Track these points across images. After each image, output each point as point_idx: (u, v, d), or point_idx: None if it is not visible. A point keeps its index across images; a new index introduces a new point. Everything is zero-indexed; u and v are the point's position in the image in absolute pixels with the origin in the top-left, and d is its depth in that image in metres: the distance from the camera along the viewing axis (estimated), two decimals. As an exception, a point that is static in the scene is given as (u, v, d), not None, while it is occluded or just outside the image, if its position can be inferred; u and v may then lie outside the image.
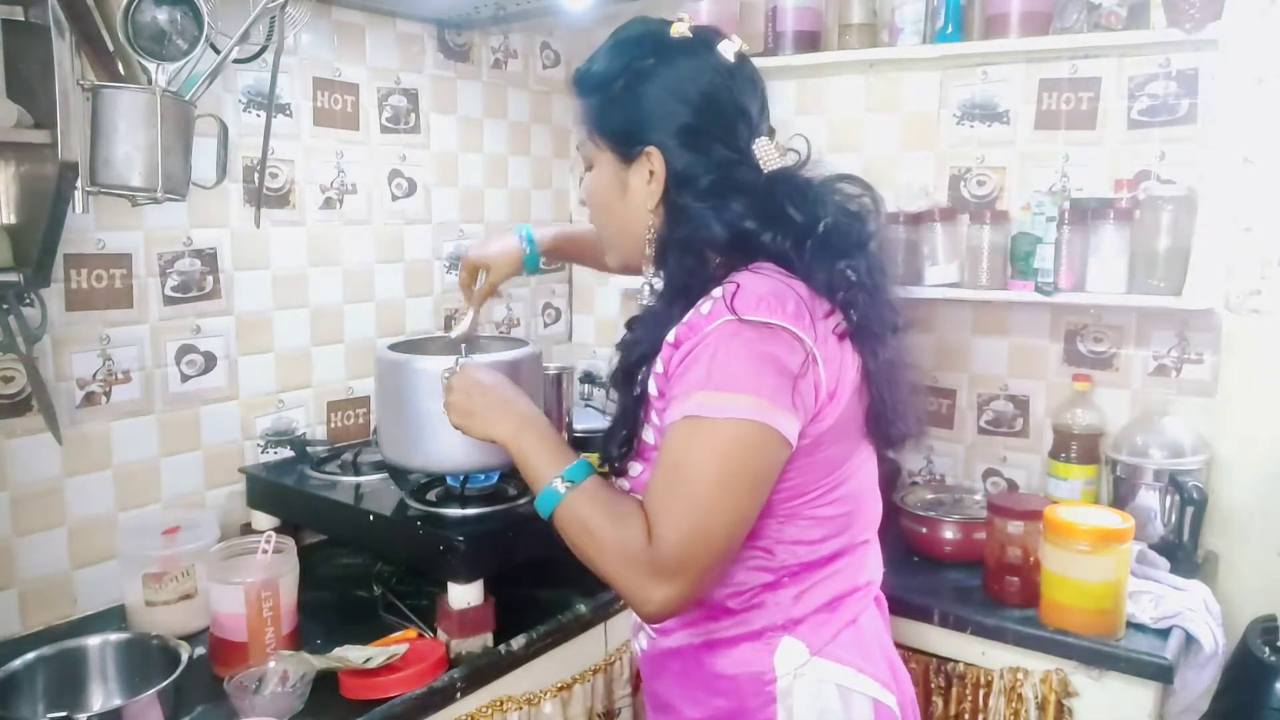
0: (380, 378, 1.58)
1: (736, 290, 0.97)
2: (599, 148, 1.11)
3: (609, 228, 1.16)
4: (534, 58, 2.36)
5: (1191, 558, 1.76)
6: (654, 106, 1.05)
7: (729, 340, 0.95)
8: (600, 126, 1.11)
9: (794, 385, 0.96)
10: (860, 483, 1.09)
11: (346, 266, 1.96)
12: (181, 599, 1.45)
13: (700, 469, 0.95)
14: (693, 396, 0.95)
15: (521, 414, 1.16)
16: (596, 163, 1.13)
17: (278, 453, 1.83)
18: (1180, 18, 1.65)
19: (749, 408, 0.94)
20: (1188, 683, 1.51)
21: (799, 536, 1.04)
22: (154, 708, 1.18)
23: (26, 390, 1.45)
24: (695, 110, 1.05)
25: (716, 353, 0.95)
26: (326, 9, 1.86)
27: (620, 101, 1.08)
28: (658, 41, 1.07)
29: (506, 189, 2.32)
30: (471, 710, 1.38)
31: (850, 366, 1.02)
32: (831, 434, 1.02)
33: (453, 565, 1.40)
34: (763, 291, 0.97)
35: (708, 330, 0.97)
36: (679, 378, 0.98)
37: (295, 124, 1.83)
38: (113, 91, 1.23)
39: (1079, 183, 1.91)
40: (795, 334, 0.96)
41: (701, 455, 0.95)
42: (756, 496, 0.98)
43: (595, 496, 1.04)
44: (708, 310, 0.98)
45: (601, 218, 1.16)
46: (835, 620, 1.06)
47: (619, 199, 1.11)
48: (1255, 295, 1.78)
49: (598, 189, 1.14)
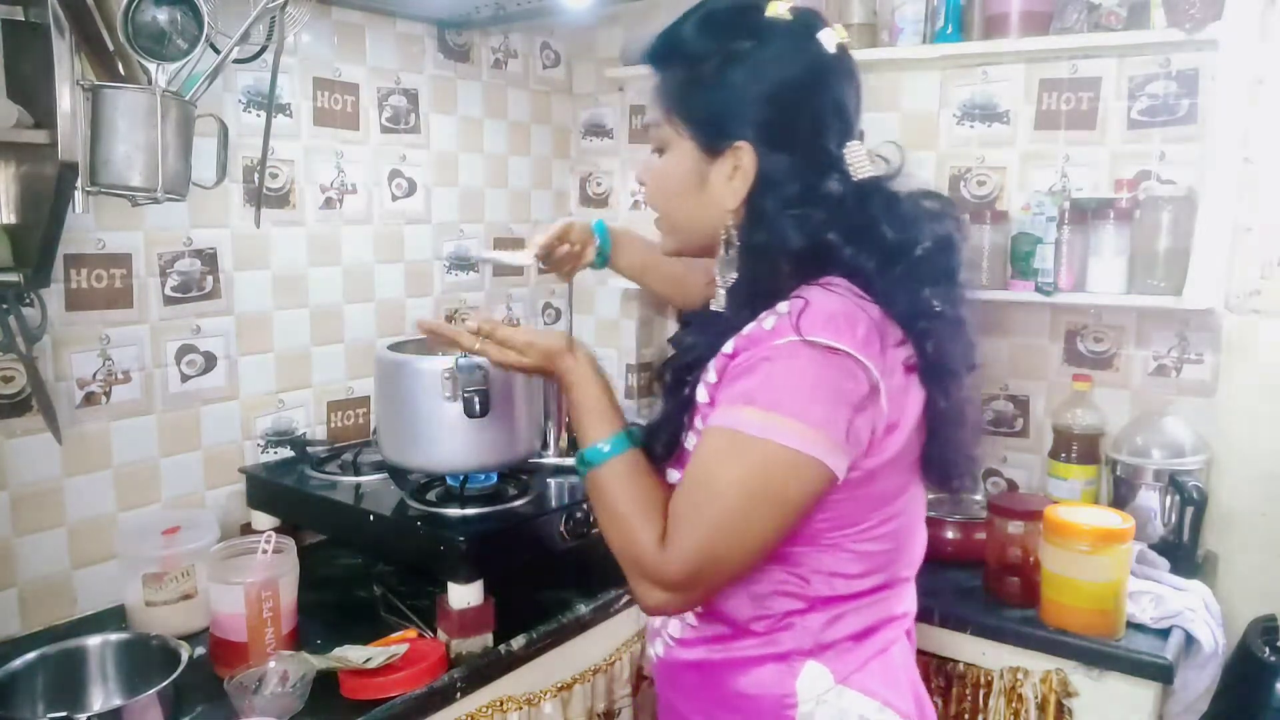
0: (380, 378, 1.58)
1: (804, 307, 0.90)
2: (679, 133, 1.01)
3: (674, 217, 1.07)
4: (534, 58, 2.36)
5: (1191, 558, 1.75)
6: (748, 97, 0.96)
7: (788, 360, 0.90)
8: (684, 110, 1.00)
9: (850, 417, 0.90)
10: (908, 520, 1.03)
11: (346, 266, 1.96)
12: (181, 599, 1.45)
13: (728, 486, 0.91)
14: (737, 409, 0.91)
15: (587, 355, 1.10)
16: (672, 148, 1.03)
17: (278, 453, 1.83)
18: (1180, 18, 1.65)
19: (792, 434, 0.88)
20: (1188, 683, 1.51)
21: (837, 569, 0.99)
22: (154, 708, 1.18)
23: (26, 390, 1.45)
24: (792, 105, 0.96)
25: (772, 370, 0.90)
26: (326, 9, 1.86)
27: (711, 85, 0.97)
28: (755, 21, 0.97)
29: (506, 189, 2.32)
30: (471, 710, 1.38)
31: (916, 401, 0.96)
32: (886, 469, 0.96)
33: (453, 565, 1.40)
34: (832, 311, 0.91)
35: (768, 346, 0.91)
36: (727, 385, 0.94)
37: (295, 124, 1.83)
38: (113, 91, 1.23)
39: (1079, 183, 1.91)
40: (861, 362, 0.90)
41: (732, 472, 0.91)
42: (783, 525, 0.93)
43: (632, 477, 1.00)
44: (771, 325, 0.92)
45: (668, 206, 1.07)
46: (865, 649, 1.01)
47: (694, 192, 1.02)
48: (1255, 295, 1.78)
49: (670, 176, 1.04)
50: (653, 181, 1.07)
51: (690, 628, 1.06)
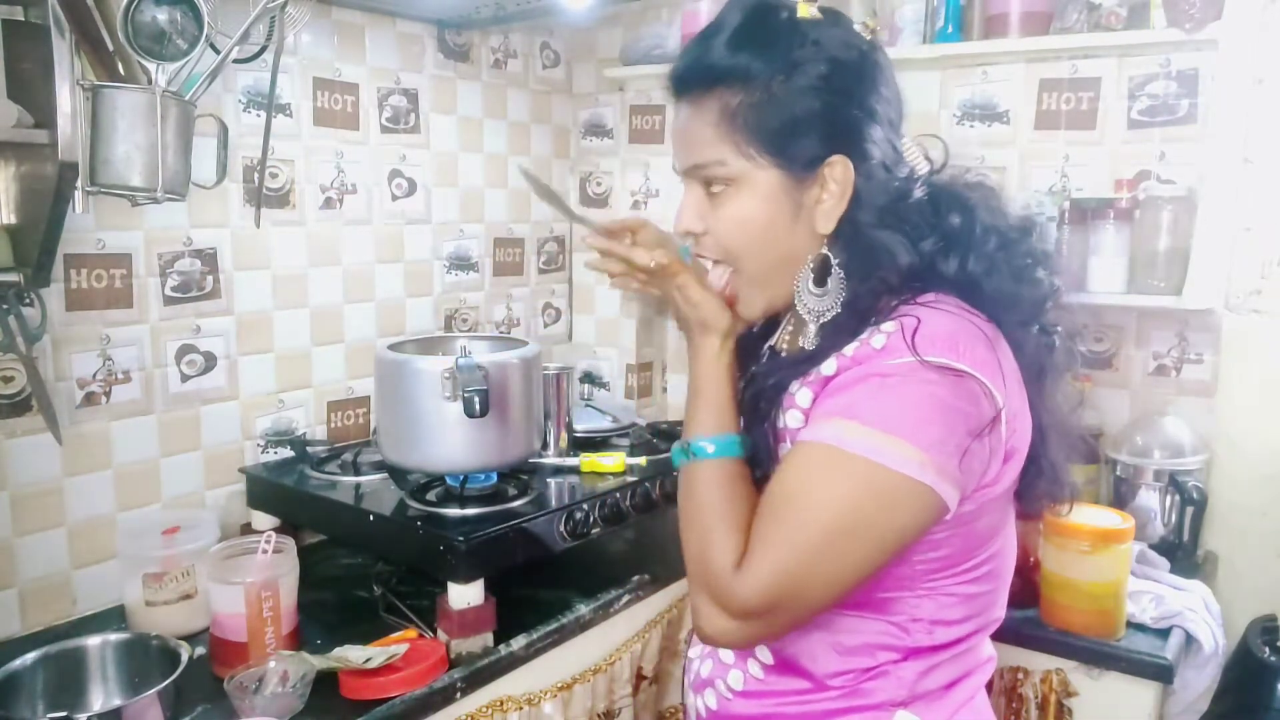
0: (380, 378, 1.58)
1: (918, 325, 0.82)
2: (755, 162, 0.88)
3: (763, 265, 0.92)
4: (534, 58, 2.36)
5: (1191, 558, 1.76)
6: (827, 104, 0.87)
7: (902, 379, 0.81)
8: (762, 136, 0.87)
9: (967, 444, 0.81)
10: (1008, 555, 0.95)
11: (346, 266, 1.96)
12: (181, 599, 1.45)
13: (818, 507, 0.81)
14: (835, 422, 0.82)
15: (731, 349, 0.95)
16: (745, 183, 0.89)
17: (278, 453, 1.83)
18: (1180, 18, 1.65)
19: (898, 455, 0.79)
20: (1188, 683, 1.51)
21: (939, 615, 0.89)
22: (154, 708, 1.18)
23: (26, 390, 1.45)
24: (864, 106, 0.88)
25: (882, 388, 0.81)
26: (326, 9, 1.86)
27: (788, 102, 0.87)
28: (798, 26, 0.89)
29: (506, 189, 2.32)
30: (471, 710, 1.38)
31: (1027, 427, 0.88)
32: (997, 500, 0.88)
33: (453, 565, 1.40)
34: (950, 330, 0.83)
35: (879, 363, 0.82)
36: (825, 398, 0.85)
37: (295, 124, 1.83)
38: (113, 91, 1.23)
39: (1079, 183, 1.91)
40: (985, 384, 0.82)
41: (824, 492, 0.81)
42: (877, 558, 0.83)
43: (727, 486, 0.89)
44: (882, 344, 0.83)
45: (757, 253, 0.92)
46: (954, 696, 0.93)
47: (787, 226, 0.90)
48: (1255, 295, 1.78)
49: (754, 217, 0.90)
50: (731, 229, 0.92)
51: (755, 680, 0.96)
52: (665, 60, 2.21)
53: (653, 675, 1.70)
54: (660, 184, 2.43)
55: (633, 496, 1.68)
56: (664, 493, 1.73)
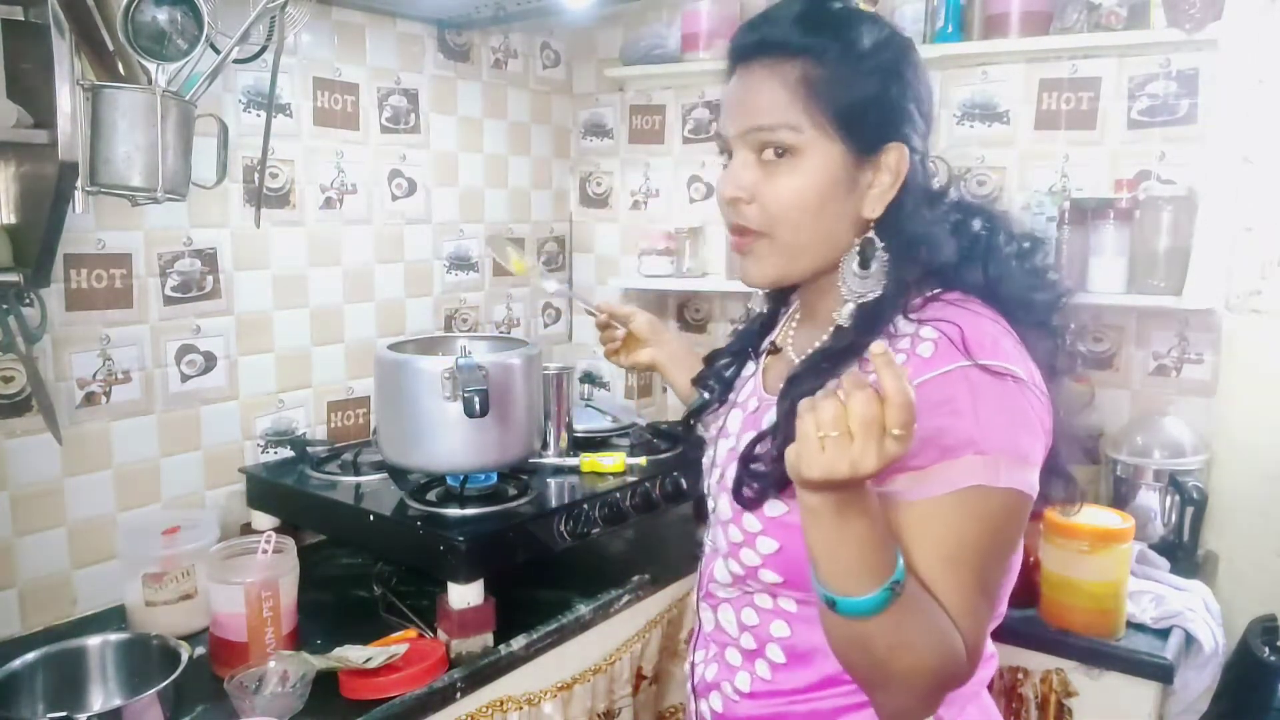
0: (380, 378, 1.58)
1: (963, 330, 0.83)
2: (825, 134, 0.88)
3: (801, 234, 0.91)
4: (534, 58, 2.36)
5: (1191, 558, 1.76)
6: (891, 91, 0.88)
7: (979, 391, 0.81)
8: (835, 110, 0.87)
9: (1038, 445, 0.84)
10: (1021, 550, 0.95)
11: (346, 266, 1.96)
12: (181, 599, 1.45)
13: (981, 552, 0.81)
14: (965, 461, 0.80)
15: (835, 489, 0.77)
16: (810, 154, 0.88)
17: (278, 453, 1.83)
18: (1180, 18, 1.65)
19: (1015, 474, 0.81)
20: (1188, 683, 1.51)
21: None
22: (154, 708, 1.18)
23: (26, 390, 1.45)
24: (921, 101, 0.91)
25: (976, 407, 0.80)
26: (326, 9, 1.86)
27: (860, 81, 0.87)
28: (864, 14, 0.91)
29: (506, 189, 2.32)
30: (471, 710, 1.38)
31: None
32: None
33: (453, 565, 1.40)
34: (992, 333, 0.84)
35: (945, 378, 0.81)
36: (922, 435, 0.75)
37: (295, 124, 1.83)
38: (113, 91, 1.23)
39: (1079, 183, 1.91)
40: (1039, 386, 0.84)
41: (982, 536, 0.81)
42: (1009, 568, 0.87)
43: (917, 598, 0.79)
44: (930, 353, 0.83)
45: (805, 222, 0.90)
46: (963, 691, 0.92)
47: (839, 203, 0.89)
48: (1255, 295, 1.78)
49: (810, 188, 0.89)
50: (783, 195, 0.90)
51: (763, 680, 0.96)
52: (665, 60, 2.22)
53: (653, 675, 1.70)
54: (660, 184, 2.43)
55: (633, 496, 1.68)
56: (664, 493, 1.73)
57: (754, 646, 0.97)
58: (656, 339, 1.39)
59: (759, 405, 1.01)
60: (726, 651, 1.00)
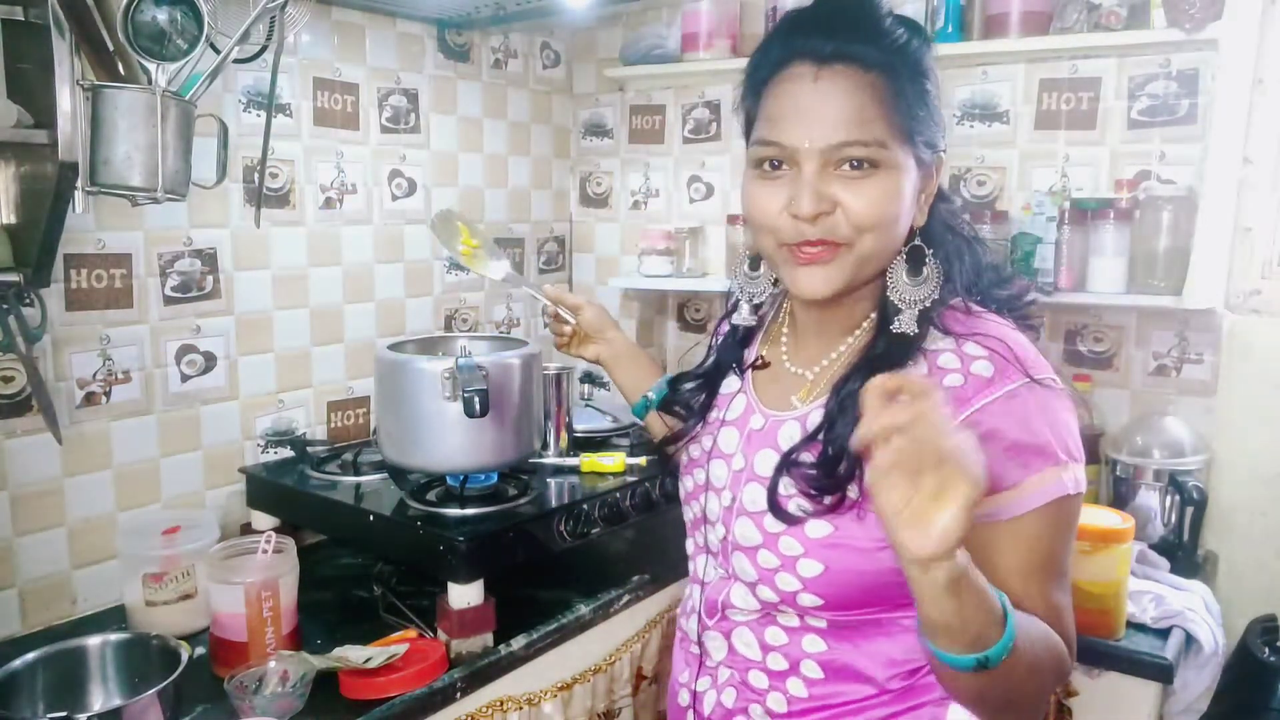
0: (380, 378, 1.58)
1: (1010, 347, 0.87)
2: (906, 148, 0.89)
3: (880, 245, 0.90)
4: (534, 58, 2.36)
5: (1191, 558, 1.76)
6: (938, 103, 0.93)
7: (1045, 405, 0.85)
8: (911, 121, 0.89)
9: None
10: None
11: (346, 266, 1.96)
12: (181, 599, 1.45)
13: (1064, 555, 0.87)
14: (1046, 475, 0.83)
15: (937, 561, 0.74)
16: (890, 166, 0.88)
17: (278, 453, 1.83)
18: (1180, 18, 1.65)
19: (1083, 476, 0.86)
20: (1188, 683, 1.51)
21: None
22: (154, 708, 1.17)
23: (26, 390, 1.45)
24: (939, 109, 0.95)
25: (1047, 422, 0.84)
26: (326, 9, 1.86)
27: (921, 93, 0.90)
28: (908, 19, 0.94)
29: (506, 189, 2.32)
30: (471, 710, 1.38)
31: None
32: None
33: (453, 565, 1.40)
34: (1026, 344, 0.88)
35: (1004, 395, 0.84)
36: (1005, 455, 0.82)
37: (295, 124, 1.83)
38: (113, 91, 1.23)
39: (1079, 183, 1.91)
40: (1069, 394, 0.89)
41: (1063, 539, 0.86)
42: None
43: (1029, 635, 0.79)
44: (990, 372, 0.85)
45: (882, 232, 0.89)
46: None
47: (909, 213, 0.92)
48: (1255, 295, 1.78)
49: (897, 199, 0.89)
50: (875, 209, 0.88)
51: (800, 699, 0.95)
52: (665, 60, 2.22)
53: (653, 675, 1.70)
54: (660, 184, 2.43)
55: (633, 496, 1.68)
56: (664, 493, 1.73)
57: (785, 666, 0.95)
58: (601, 335, 1.37)
59: (766, 422, 0.99)
60: (750, 675, 0.98)
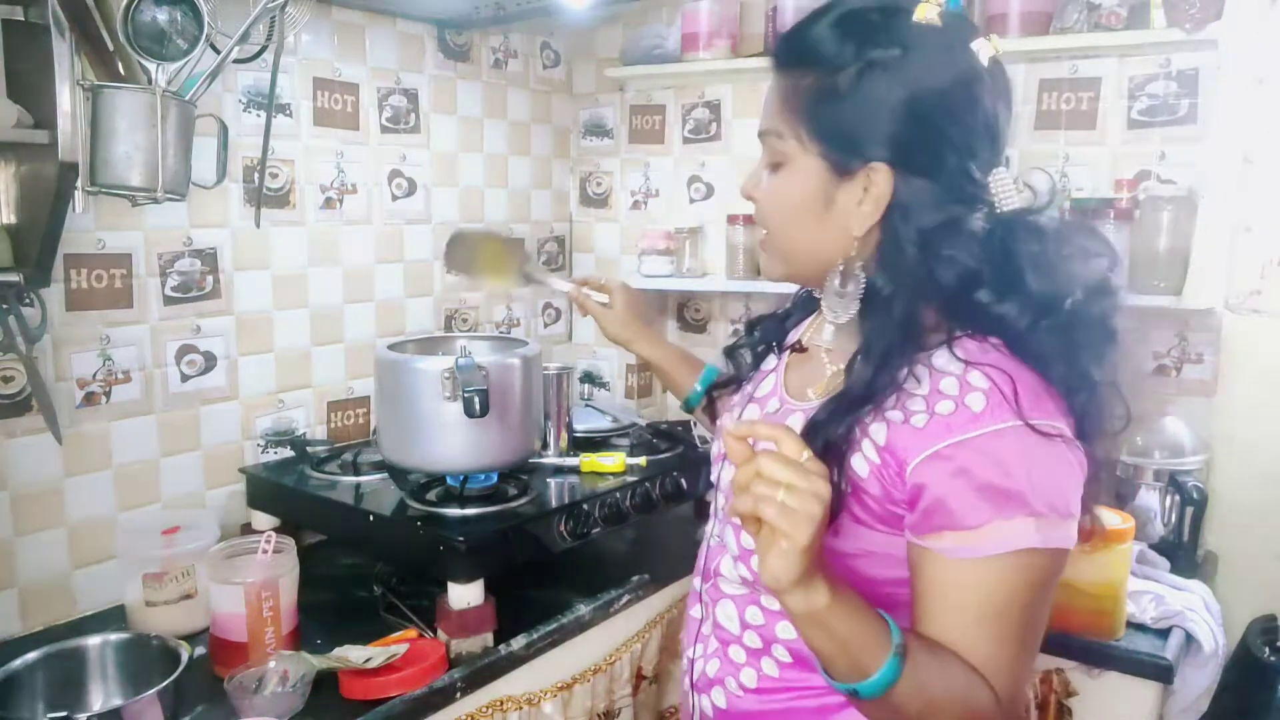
0: (380, 378, 1.58)
1: (1014, 384, 0.81)
2: (804, 147, 0.89)
3: (788, 241, 0.94)
4: (534, 58, 2.36)
5: (1191, 558, 1.75)
6: (889, 112, 0.84)
7: (1032, 453, 0.80)
8: (814, 123, 0.88)
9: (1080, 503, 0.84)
10: None
11: (346, 266, 1.96)
12: (181, 599, 1.45)
13: (1025, 607, 0.82)
14: (1016, 524, 0.79)
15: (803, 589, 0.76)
16: (793, 164, 0.90)
17: (278, 453, 1.83)
18: (1180, 18, 1.65)
19: (1063, 534, 0.81)
20: (1188, 683, 1.51)
21: None
22: (154, 708, 1.17)
23: (26, 390, 1.45)
24: (939, 124, 0.85)
25: (1030, 470, 0.79)
26: (326, 9, 1.86)
27: (848, 96, 0.85)
28: (902, 26, 0.85)
29: (506, 189, 2.32)
30: (471, 710, 1.38)
31: None
32: None
33: (453, 565, 1.40)
34: (1035, 387, 0.82)
35: (989, 433, 0.80)
36: (974, 494, 0.79)
37: (295, 124, 1.83)
38: (113, 91, 1.24)
39: (1079, 183, 1.91)
40: (1079, 447, 0.83)
41: (1025, 593, 0.81)
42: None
43: (930, 655, 0.79)
44: (981, 407, 0.81)
45: (782, 228, 0.93)
46: None
47: (816, 215, 0.90)
48: (1255, 295, 1.78)
49: (788, 196, 0.91)
50: (767, 200, 0.94)
51: (770, 677, 0.96)
52: (665, 60, 2.22)
53: (653, 675, 1.70)
54: (660, 184, 2.43)
55: (633, 496, 1.68)
56: (664, 493, 1.73)
57: (759, 645, 0.97)
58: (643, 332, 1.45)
59: (780, 408, 1.01)
60: (730, 649, 1.00)
